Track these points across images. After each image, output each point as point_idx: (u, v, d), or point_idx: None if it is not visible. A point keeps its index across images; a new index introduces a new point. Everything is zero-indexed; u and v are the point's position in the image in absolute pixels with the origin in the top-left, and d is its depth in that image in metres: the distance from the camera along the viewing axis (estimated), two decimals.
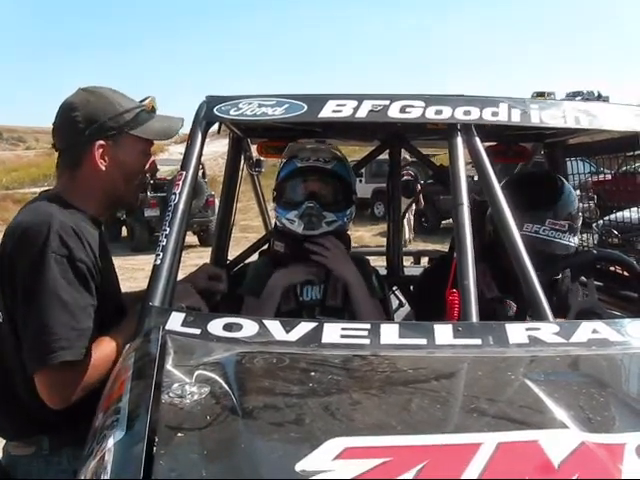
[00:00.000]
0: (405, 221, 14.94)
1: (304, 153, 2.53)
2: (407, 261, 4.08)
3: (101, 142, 1.98)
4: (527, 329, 1.71)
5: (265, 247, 3.01)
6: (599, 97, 43.37)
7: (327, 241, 2.42)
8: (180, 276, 2.06)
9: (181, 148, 2.16)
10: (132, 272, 10.52)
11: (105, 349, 1.85)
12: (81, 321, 1.81)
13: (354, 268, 2.48)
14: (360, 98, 2.16)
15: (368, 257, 2.91)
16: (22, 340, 1.82)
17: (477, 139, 2.10)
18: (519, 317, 2.32)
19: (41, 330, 1.76)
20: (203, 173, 17.87)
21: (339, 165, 2.52)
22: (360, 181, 17.80)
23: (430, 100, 2.16)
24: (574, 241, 2.46)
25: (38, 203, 1.99)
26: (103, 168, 2.00)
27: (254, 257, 3.05)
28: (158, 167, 2.24)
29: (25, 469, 1.94)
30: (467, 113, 2.13)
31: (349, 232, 2.66)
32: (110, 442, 1.24)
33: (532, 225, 2.37)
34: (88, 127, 1.97)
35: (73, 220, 1.90)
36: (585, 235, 3.70)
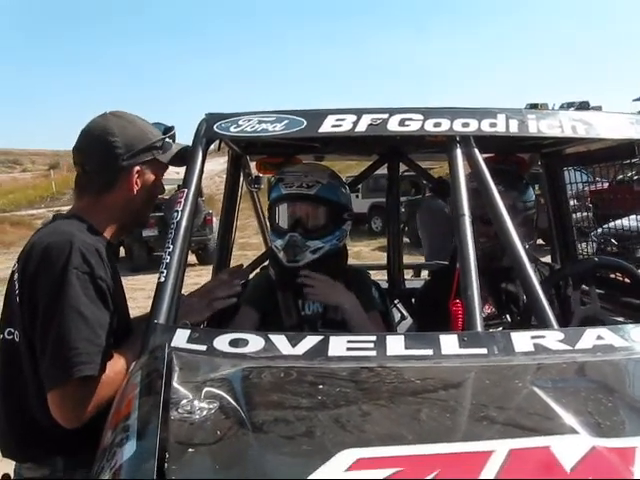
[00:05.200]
0: None
1: (289, 178, 2.55)
2: (407, 274, 4.10)
3: (138, 167, 2.09)
4: (532, 337, 1.71)
5: (266, 263, 3.02)
6: (588, 107, 43.71)
7: (309, 279, 2.44)
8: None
9: (177, 168, 2.19)
10: (132, 292, 10.47)
11: (116, 366, 1.86)
12: (101, 336, 1.83)
13: (344, 293, 2.48)
14: (359, 112, 2.17)
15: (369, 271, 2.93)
16: (40, 356, 1.82)
17: (476, 150, 2.11)
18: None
19: (62, 344, 1.78)
20: (200, 192, 17.85)
21: (324, 188, 2.51)
22: (357, 196, 17.92)
23: (429, 113, 2.18)
24: None
25: (57, 222, 2.04)
26: (135, 192, 2.09)
27: None
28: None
29: None
30: (466, 125, 2.15)
31: (348, 247, 2.67)
32: (120, 459, 1.24)
33: None
34: (127, 152, 2.06)
35: (93, 240, 1.94)
36: (584, 244, 3.71)
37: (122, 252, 17.91)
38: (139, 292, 10.23)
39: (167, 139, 2.19)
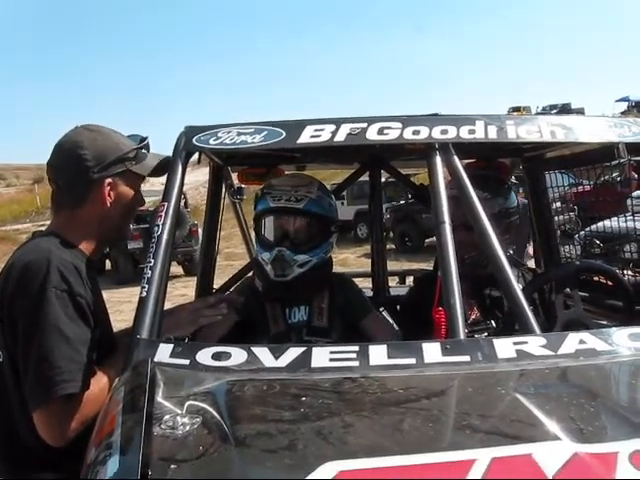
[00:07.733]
0: None
1: (276, 192, 2.53)
2: (392, 281, 4.11)
3: (109, 180, 2.05)
4: (515, 343, 1.71)
5: (250, 274, 3.01)
6: (569, 108, 44.23)
7: None
8: (167, 307, 2.05)
9: (162, 179, 2.17)
10: (118, 305, 10.44)
11: (100, 382, 1.85)
12: (82, 354, 1.82)
13: None
14: (338, 122, 2.17)
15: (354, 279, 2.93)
16: (23, 376, 1.81)
17: (455, 157, 2.11)
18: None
19: (43, 364, 1.76)
20: (185, 203, 17.87)
21: (312, 202, 2.52)
22: (342, 203, 17.94)
23: (407, 121, 2.18)
24: None
25: (36, 241, 2.02)
26: (108, 205, 2.06)
27: None
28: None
29: None
30: (444, 132, 2.15)
31: (334, 255, 2.68)
32: (104, 477, 1.24)
33: None
34: (97, 165, 2.02)
35: (71, 257, 1.93)
36: (568, 246, 3.72)
37: (108, 265, 17.85)
38: (126, 305, 10.17)
39: (142, 150, 2.15)
